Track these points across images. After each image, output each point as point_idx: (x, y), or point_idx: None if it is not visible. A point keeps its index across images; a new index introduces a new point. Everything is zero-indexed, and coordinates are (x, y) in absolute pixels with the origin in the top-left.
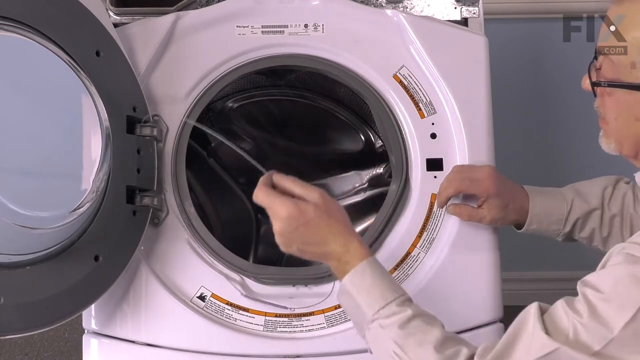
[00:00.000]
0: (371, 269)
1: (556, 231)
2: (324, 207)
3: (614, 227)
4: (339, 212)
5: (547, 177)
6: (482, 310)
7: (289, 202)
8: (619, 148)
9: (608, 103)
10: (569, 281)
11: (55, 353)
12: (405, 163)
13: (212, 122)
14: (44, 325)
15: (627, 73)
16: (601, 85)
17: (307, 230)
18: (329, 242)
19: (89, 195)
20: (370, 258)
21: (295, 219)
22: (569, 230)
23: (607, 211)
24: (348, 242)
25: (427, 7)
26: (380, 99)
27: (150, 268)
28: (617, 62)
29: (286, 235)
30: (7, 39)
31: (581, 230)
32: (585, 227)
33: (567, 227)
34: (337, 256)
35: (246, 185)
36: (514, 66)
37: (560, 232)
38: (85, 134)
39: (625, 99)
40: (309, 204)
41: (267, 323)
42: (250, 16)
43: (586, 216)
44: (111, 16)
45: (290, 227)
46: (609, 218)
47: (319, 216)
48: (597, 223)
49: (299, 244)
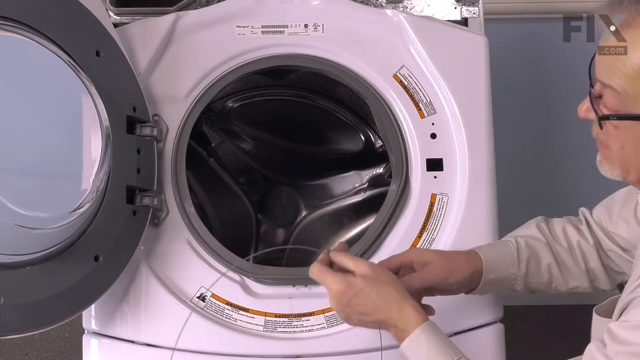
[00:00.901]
0: (426, 336)
1: (514, 275)
2: (373, 276)
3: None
4: (389, 279)
5: (546, 177)
6: (482, 310)
7: (338, 277)
8: (625, 175)
9: (613, 132)
10: None
11: (55, 353)
12: (405, 163)
13: (212, 122)
14: (44, 325)
15: (635, 104)
16: (610, 119)
17: (359, 301)
18: (382, 309)
19: (89, 195)
20: (425, 324)
21: (345, 292)
22: (524, 273)
23: (554, 243)
24: (402, 307)
25: (427, 7)
26: (380, 99)
27: (150, 268)
28: (622, 93)
29: (341, 309)
30: (7, 39)
31: (537, 270)
32: (541, 266)
33: (522, 269)
34: (393, 323)
35: (246, 185)
36: (514, 66)
37: (517, 276)
38: (85, 134)
39: (632, 128)
40: (358, 276)
41: (267, 323)
42: (250, 16)
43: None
44: (111, 16)
45: (342, 301)
46: (559, 247)
47: (369, 286)
48: (550, 257)
49: (356, 316)
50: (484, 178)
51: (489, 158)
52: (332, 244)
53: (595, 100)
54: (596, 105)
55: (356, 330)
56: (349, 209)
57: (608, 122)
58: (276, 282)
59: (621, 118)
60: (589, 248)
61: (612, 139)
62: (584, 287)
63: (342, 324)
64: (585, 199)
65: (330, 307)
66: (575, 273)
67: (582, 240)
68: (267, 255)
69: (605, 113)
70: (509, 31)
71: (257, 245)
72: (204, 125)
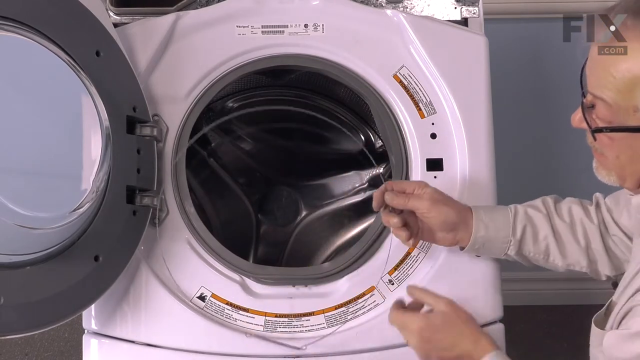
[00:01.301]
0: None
1: (506, 238)
2: (452, 313)
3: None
4: (467, 316)
5: (546, 177)
6: (482, 310)
7: (417, 317)
8: (621, 182)
9: (607, 143)
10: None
11: (55, 353)
12: (405, 163)
13: (212, 122)
14: (44, 325)
15: (628, 116)
16: (603, 132)
17: (439, 337)
18: (460, 343)
19: (89, 195)
20: (495, 352)
21: (425, 330)
22: (519, 238)
23: (554, 216)
24: (477, 339)
25: (427, 7)
26: (380, 99)
27: (150, 268)
28: (614, 105)
29: (422, 347)
30: (7, 39)
31: (534, 240)
32: (538, 235)
33: (518, 234)
34: (469, 354)
35: (246, 185)
36: (514, 66)
37: (511, 239)
38: (85, 134)
39: (627, 139)
40: (437, 313)
41: (267, 323)
42: (250, 16)
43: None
44: (111, 16)
45: (423, 338)
46: (559, 222)
47: (447, 322)
48: (548, 228)
49: (436, 352)
50: (483, 178)
51: (489, 158)
52: (332, 244)
53: (588, 110)
54: (588, 116)
55: (356, 331)
56: (349, 209)
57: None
58: (276, 282)
59: (614, 130)
60: (593, 228)
61: (607, 149)
62: (582, 266)
63: (342, 324)
64: (585, 199)
65: (330, 307)
66: (574, 249)
67: (585, 219)
68: (267, 255)
69: (597, 124)
70: (509, 31)
71: (257, 245)
72: (204, 125)
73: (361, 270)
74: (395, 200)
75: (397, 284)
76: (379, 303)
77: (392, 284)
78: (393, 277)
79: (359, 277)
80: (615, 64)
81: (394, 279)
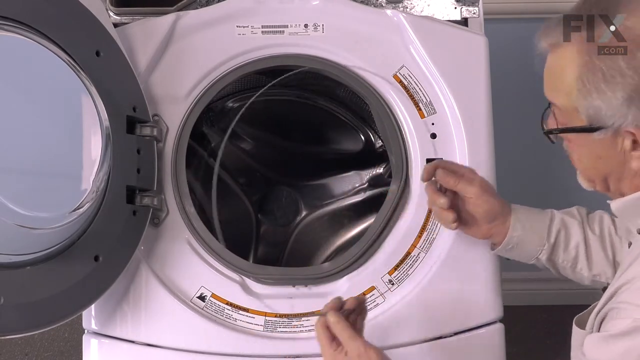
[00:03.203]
0: None
1: (540, 241)
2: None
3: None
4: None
5: (546, 177)
6: (482, 310)
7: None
8: (592, 185)
9: (570, 146)
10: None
11: (55, 353)
12: (405, 163)
13: (212, 122)
14: (44, 325)
15: (574, 117)
16: (552, 133)
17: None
18: None
19: (89, 195)
20: None
21: None
22: (552, 243)
23: (587, 226)
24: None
25: (427, 7)
26: (380, 99)
27: (150, 268)
28: (563, 109)
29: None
30: (7, 39)
31: (565, 246)
32: (570, 242)
33: (552, 239)
34: None
35: (246, 185)
36: (514, 66)
37: (545, 243)
38: (85, 134)
39: (582, 140)
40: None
41: (267, 323)
42: (250, 16)
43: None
44: (111, 16)
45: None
46: (590, 232)
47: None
48: (580, 236)
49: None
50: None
51: (489, 158)
52: (332, 244)
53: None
54: (546, 120)
55: None
56: (349, 209)
57: (562, 135)
58: (276, 282)
59: (563, 131)
60: (618, 240)
61: (571, 153)
62: (607, 277)
63: None
64: (586, 199)
65: None
66: (601, 260)
67: (613, 229)
68: (267, 255)
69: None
70: (509, 31)
71: (257, 245)
72: (204, 125)
73: (361, 270)
74: (447, 178)
75: (397, 284)
76: (379, 303)
77: (392, 284)
78: (393, 277)
79: (359, 277)
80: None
81: (393, 279)
